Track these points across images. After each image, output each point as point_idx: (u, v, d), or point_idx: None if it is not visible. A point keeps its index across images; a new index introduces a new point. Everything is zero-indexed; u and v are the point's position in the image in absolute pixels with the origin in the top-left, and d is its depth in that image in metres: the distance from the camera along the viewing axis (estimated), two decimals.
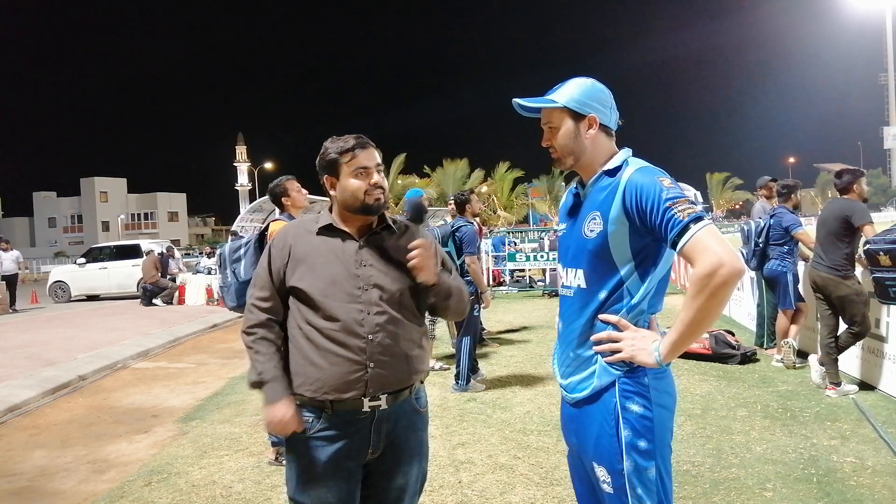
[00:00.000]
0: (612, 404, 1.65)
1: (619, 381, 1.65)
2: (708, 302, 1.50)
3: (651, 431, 1.62)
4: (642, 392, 1.63)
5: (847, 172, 4.96)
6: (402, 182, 38.54)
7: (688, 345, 1.61)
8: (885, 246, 4.38)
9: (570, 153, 1.74)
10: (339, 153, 1.90)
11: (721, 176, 76.14)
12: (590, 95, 1.73)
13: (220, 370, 7.16)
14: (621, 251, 1.64)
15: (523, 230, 23.95)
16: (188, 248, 53.02)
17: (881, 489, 3.16)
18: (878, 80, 56.96)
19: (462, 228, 5.53)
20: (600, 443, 1.67)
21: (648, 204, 1.57)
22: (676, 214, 1.53)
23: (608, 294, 1.67)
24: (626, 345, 1.63)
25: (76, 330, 10.07)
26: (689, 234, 1.51)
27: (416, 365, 1.93)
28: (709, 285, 1.48)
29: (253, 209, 19.25)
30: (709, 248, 1.49)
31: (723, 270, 1.47)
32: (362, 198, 1.88)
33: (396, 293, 1.88)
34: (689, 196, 1.57)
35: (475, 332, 5.66)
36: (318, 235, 1.92)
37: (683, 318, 1.55)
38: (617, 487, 1.64)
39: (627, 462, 1.62)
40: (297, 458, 1.87)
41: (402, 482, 1.94)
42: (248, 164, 72.75)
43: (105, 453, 4.42)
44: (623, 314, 1.66)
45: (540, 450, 3.93)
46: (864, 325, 4.74)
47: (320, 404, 1.84)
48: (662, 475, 1.64)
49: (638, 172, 1.63)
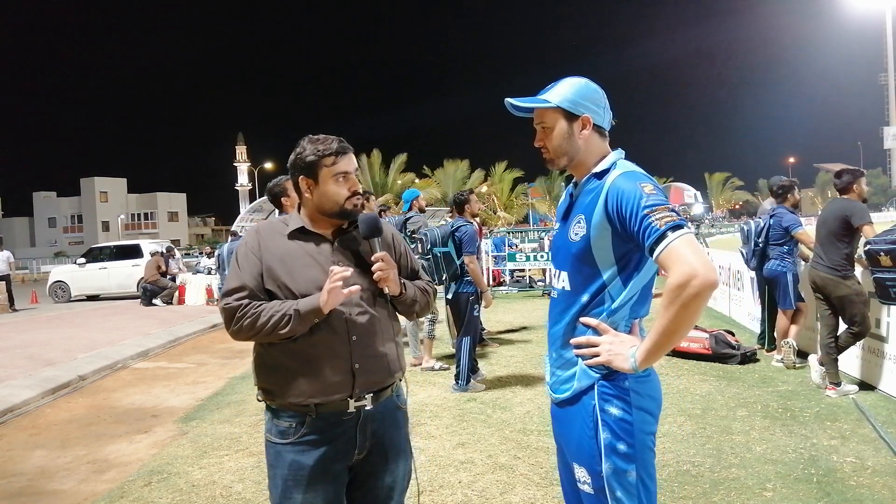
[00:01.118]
0: (590, 406, 1.66)
1: (598, 383, 1.66)
2: (680, 312, 1.50)
3: (631, 434, 1.62)
4: (621, 395, 1.64)
5: (847, 172, 4.97)
6: (402, 182, 38.51)
7: (664, 352, 1.62)
8: (886, 246, 4.38)
9: (563, 154, 1.73)
10: (319, 156, 1.85)
11: (721, 176, 76.24)
12: (583, 95, 1.72)
13: (220, 370, 7.16)
14: (604, 256, 1.65)
15: (523, 230, 23.95)
16: (188, 248, 53.02)
17: (881, 489, 3.16)
18: (878, 80, 56.93)
19: (461, 228, 5.56)
20: (580, 444, 1.68)
21: (627, 210, 1.56)
22: (654, 222, 1.52)
23: (590, 297, 1.67)
24: (604, 349, 1.64)
25: (76, 330, 10.07)
26: (665, 242, 1.50)
27: (397, 363, 1.94)
28: (681, 296, 1.48)
29: (253, 209, 19.29)
30: (683, 258, 1.48)
31: (695, 282, 1.46)
32: (343, 203, 1.86)
33: (373, 293, 1.89)
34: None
35: (475, 332, 5.67)
36: (290, 239, 1.88)
37: (657, 327, 1.56)
38: (596, 489, 1.65)
39: (606, 464, 1.62)
40: (281, 465, 1.83)
41: (390, 481, 1.94)
42: (248, 164, 72.83)
43: (105, 453, 4.42)
44: (604, 318, 1.67)
45: (540, 450, 3.93)
46: (863, 325, 4.74)
47: (303, 409, 1.81)
48: (644, 478, 1.64)
49: (621, 177, 1.63)
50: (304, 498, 1.81)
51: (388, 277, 1.86)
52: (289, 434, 1.82)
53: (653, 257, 1.55)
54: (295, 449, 1.82)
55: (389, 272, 1.87)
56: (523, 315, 10.14)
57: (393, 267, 1.89)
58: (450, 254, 5.55)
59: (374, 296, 1.90)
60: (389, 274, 1.87)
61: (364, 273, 1.88)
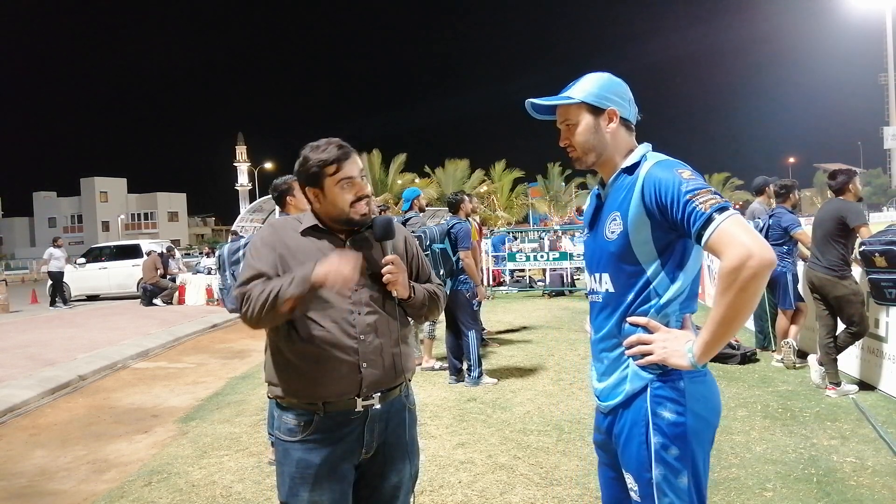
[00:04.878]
0: (643, 409, 1.58)
1: (651, 385, 1.57)
2: (739, 297, 1.41)
3: (684, 439, 1.54)
4: (676, 398, 1.55)
5: (841, 173, 4.97)
6: (402, 182, 38.50)
7: (723, 344, 1.53)
8: (881, 247, 4.39)
9: (591, 149, 1.67)
10: (322, 165, 1.85)
11: (721, 176, 76.01)
12: (607, 88, 1.67)
13: (220, 370, 7.16)
14: (645, 250, 1.57)
15: (523, 230, 23.94)
16: (188, 248, 52.99)
17: (881, 489, 3.17)
18: (878, 80, 56.89)
19: (456, 226, 5.78)
20: (628, 449, 1.61)
21: (668, 198, 1.49)
22: (698, 206, 1.45)
23: (635, 296, 1.60)
24: (658, 347, 1.55)
25: (76, 330, 10.06)
26: (714, 225, 1.42)
27: (405, 363, 1.94)
28: (738, 279, 1.39)
29: (253, 209, 19.27)
30: (735, 239, 1.40)
31: (752, 262, 1.38)
32: (347, 211, 1.86)
33: (383, 293, 1.89)
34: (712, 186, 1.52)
35: (479, 325, 5.82)
36: (303, 236, 1.90)
37: (714, 317, 1.46)
38: (644, 496, 1.57)
39: (657, 470, 1.55)
40: (288, 463, 1.84)
41: (396, 480, 1.94)
42: (248, 164, 72.71)
43: (105, 453, 4.42)
44: (652, 315, 1.58)
45: (540, 450, 3.94)
46: (862, 324, 4.74)
47: (312, 407, 1.82)
48: (696, 486, 1.55)
49: (656, 167, 1.56)
50: (310, 496, 1.81)
51: (396, 281, 1.86)
52: (297, 432, 1.83)
53: (701, 243, 1.47)
54: (303, 447, 1.82)
55: (399, 276, 1.87)
56: (523, 315, 10.13)
57: (403, 271, 1.89)
58: (446, 250, 5.69)
59: (384, 297, 1.90)
60: (398, 278, 1.87)
61: (374, 275, 1.88)
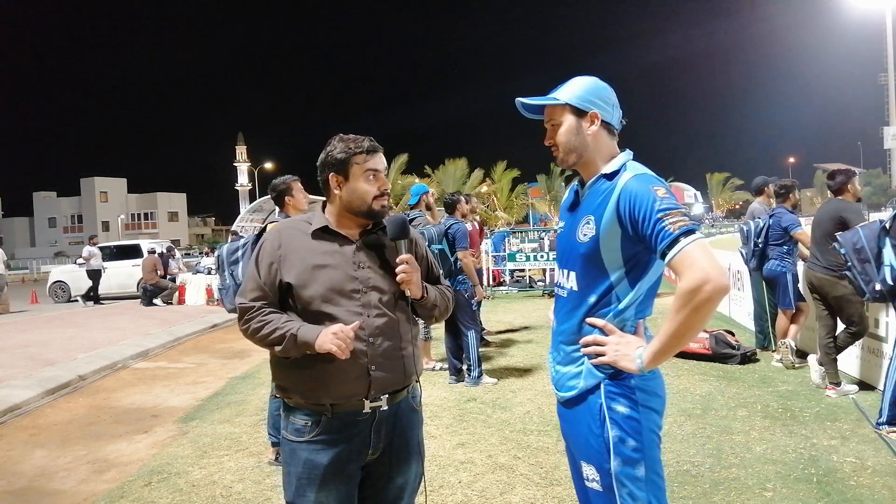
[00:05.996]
0: (597, 405, 1.68)
1: (604, 383, 1.68)
2: (691, 316, 1.52)
3: (639, 432, 1.65)
4: (627, 394, 1.66)
5: (840, 173, 4.98)
6: (403, 182, 38.50)
7: (671, 355, 1.65)
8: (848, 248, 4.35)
9: (572, 150, 1.75)
10: (352, 153, 1.87)
11: (721, 176, 76.17)
12: (592, 92, 1.75)
13: (220, 370, 7.16)
14: (613, 258, 1.66)
15: (523, 230, 23.95)
16: (188, 248, 53.01)
17: (881, 489, 3.17)
18: (878, 80, 56.79)
19: (453, 226, 5.82)
20: (588, 442, 1.70)
21: (641, 213, 1.57)
22: (667, 226, 1.54)
23: (598, 298, 1.69)
24: (611, 349, 1.66)
25: (76, 330, 10.06)
26: (678, 247, 1.52)
27: (413, 365, 1.95)
28: (693, 300, 1.50)
29: (253, 209, 19.29)
30: (696, 263, 1.50)
31: (708, 287, 1.48)
32: (370, 202, 1.88)
33: (393, 295, 1.89)
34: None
35: (477, 324, 5.82)
36: (313, 238, 1.89)
37: (667, 330, 1.57)
38: (605, 486, 1.66)
39: (615, 461, 1.64)
40: (295, 463, 1.85)
41: (401, 482, 1.95)
42: (248, 164, 72.76)
43: (105, 453, 4.42)
44: (610, 318, 1.69)
45: (540, 450, 3.94)
46: (861, 324, 4.74)
47: (319, 408, 1.83)
48: (652, 474, 1.66)
49: (634, 180, 1.64)
50: (317, 496, 1.82)
51: (411, 280, 1.87)
52: (304, 432, 1.84)
53: (665, 261, 1.57)
54: (310, 447, 1.83)
55: (413, 275, 1.87)
56: (523, 315, 10.13)
57: (417, 270, 1.90)
58: (444, 251, 5.71)
59: (395, 298, 1.90)
60: (413, 277, 1.87)
61: (384, 275, 1.89)
